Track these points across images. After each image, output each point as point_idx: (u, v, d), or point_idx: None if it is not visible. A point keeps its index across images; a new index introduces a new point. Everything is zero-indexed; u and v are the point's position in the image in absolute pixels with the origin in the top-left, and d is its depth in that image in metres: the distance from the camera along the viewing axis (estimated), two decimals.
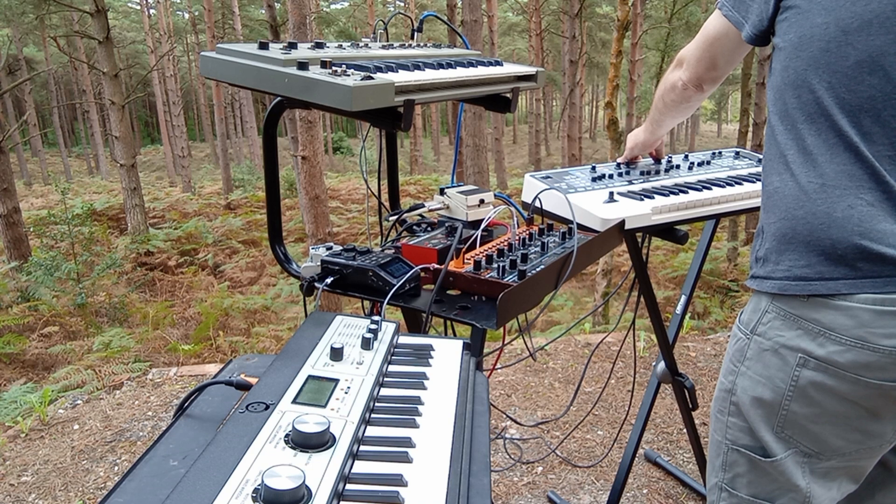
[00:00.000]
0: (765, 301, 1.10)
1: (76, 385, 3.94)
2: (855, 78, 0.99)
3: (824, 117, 1.01)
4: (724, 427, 1.18)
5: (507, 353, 3.66)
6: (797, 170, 1.04)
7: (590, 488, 2.53)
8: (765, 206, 1.13)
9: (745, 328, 1.15)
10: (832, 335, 1.01)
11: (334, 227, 9.84)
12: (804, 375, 1.04)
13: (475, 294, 1.20)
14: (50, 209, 9.91)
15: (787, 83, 1.06)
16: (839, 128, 1.00)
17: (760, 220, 1.15)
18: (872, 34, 0.97)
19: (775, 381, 1.08)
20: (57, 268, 7.48)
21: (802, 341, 1.04)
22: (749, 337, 1.13)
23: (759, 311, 1.11)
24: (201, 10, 24.19)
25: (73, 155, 35.72)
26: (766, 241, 1.11)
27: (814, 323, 1.03)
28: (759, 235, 1.16)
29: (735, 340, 1.18)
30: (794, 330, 1.05)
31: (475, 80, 1.29)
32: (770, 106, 1.13)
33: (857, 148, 0.99)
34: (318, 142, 6.08)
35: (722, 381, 1.20)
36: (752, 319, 1.13)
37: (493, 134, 18.77)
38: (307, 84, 1.02)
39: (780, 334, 1.07)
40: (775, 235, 1.08)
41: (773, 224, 1.09)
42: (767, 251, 1.10)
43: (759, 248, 1.14)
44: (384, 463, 0.68)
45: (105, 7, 9.71)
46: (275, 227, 1.38)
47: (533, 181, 1.63)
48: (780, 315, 1.07)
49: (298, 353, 0.87)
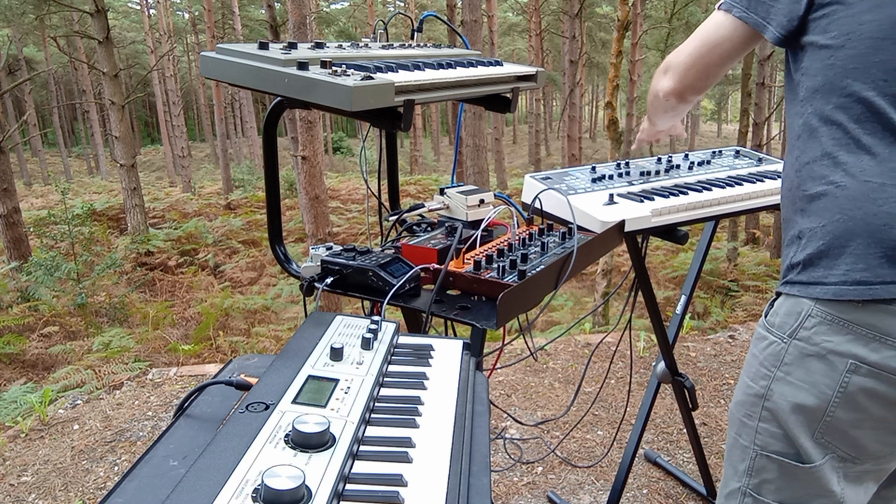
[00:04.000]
0: (807, 305, 1.06)
1: (76, 385, 3.94)
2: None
3: (878, 116, 0.99)
4: (753, 432, 1.15)
5: (507, 353, 3.66)
6: (852, 170, 1.00)
7: (590, 488, 2.53)
8: (806, 210, 1.07)
9: (779, 332, 1.10)
10: (889, 340, 0.98)
11: (334, 227, 9.85)
12: (854, 381, 1.01)
13: (475, 294, 1.20)
14: (50, 209, 9.91)
15: (832, 83, 1.02)
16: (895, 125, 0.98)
17: (795, 224, 1.11)
18: None
19: (820, 387, 1.04)
20: (57, 268, 7.48)
21: (854, 346, 1.01)
22: (786, 341, 1.09)
23: (798, 315, 1.07)
24: (201, 10, 24.18)
25: (73, 155, 35.72)
26: (811, 246, 1.06)
27: (868, 328, 0.99)
28: (794, 241, 1.11)
29: (766, 344, 1.13)
30: (844, 335, 1.01)
31: (475, 80, 1.29)
32: (805, 107, 1.08)
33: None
34: (318, 142, 6.08)
35: (749, 384, 1.16)
36: (788, 323, 1.09)
37: (493, 134, 18.77)
38: (307, 84, 1.02)
39: (828, 339, 1.03)
40: (826, 239, 1.03)
41: (822, 228, 1.04)
42: (813, 256, 1.05)
43: (797, 253, 1.09)
44: (384, 463, 0.68)
45: (105, 7, 9.72)
46: (275, 227, 1.38)
47: (533, 182, 1.63)
48: (826, 320, 1.03)
49: (298, 353, 0.87)
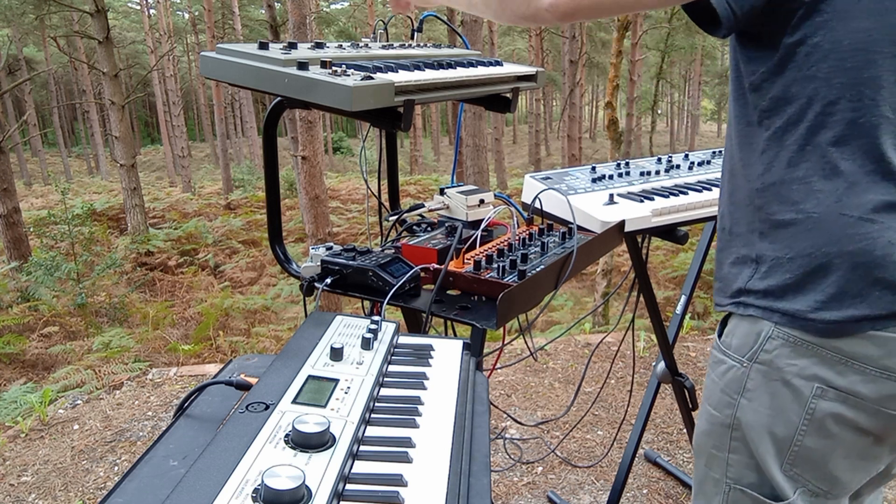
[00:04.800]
0: (767, 326, 0.98)
1: (76, 385, 3.94)
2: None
3: (861, 139, 0.88)
4: (724, 464, 1.06)
5: (507, 353, 3.66)
6: (827, 200, 0.90)
7: (590, 488, 2.53)
8: (768, 235, 0.98)
9: (738, 355, 1.02)
10: (855, 364, 0.91)
11: (334, 227, 9.85)
12: (821, 407, 0.94)
13: (475, 294, 1.20)
14: (50, 209, 9.92)
15: (813, 96, 0.90)
16: (880, 153, 0.88)
17: (750, 245, 1.01)
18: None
19: (787, 414, 0.97)
20: (57, 268, 7.48)
21: (820, 369, 0.93)
22: (746, 365, 1.01)
23: (758, 337, 0.99)
24: (201, 10, 24.18)
25: (73, 155, 35.72)
26: (774, 277, 0.97)
27: (833, 351, 0.92)
28: (748, 263, 1.01)
29: (725, 368, 1.05)
30: (809, 357, 0.94)
31: (475, 80, 1.29)
32: (772, 119, 0.96)
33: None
34: (318, 142, 6.09)
35: (713, 413, 1.07)
36: (747, 345, 1.00)
37: (493, 134, 18.77)
38: (307, 84, 1.02)
39: (792, 363, 0.95)
40: (794, 273, 0.94)
41: (789, 260, 0.95)
42: (776, 288, 0.96)
43: (754, 278, 1.00)
44: (384, 463, 0.68)
45: (105, 7, 9.72)
46: (275, 227, 1.38)
47: (533, 182, 1.63)
48: (789, 342, 0.95)
49: (298, 353, 0.87)
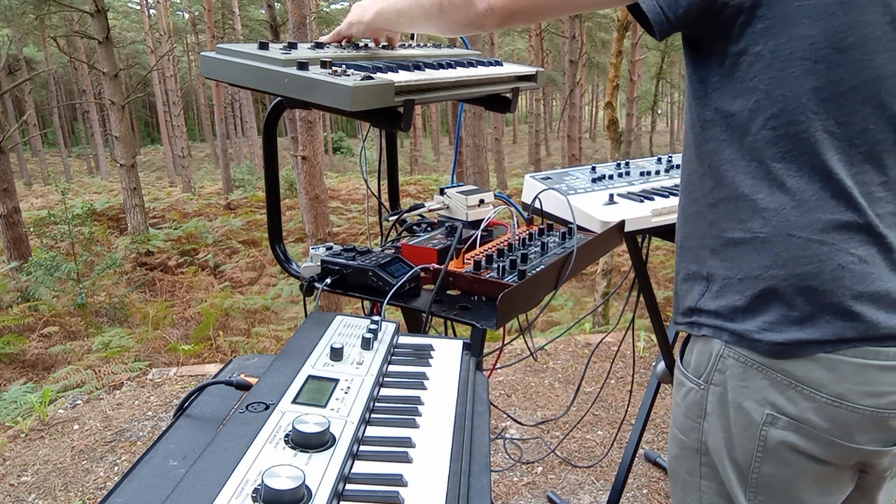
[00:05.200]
0: (718, 345, 0.92)
1: (76, 385, 3.94)
2: (847, 107, 0.81)
3: (808, 155, 0.82)
4: (698, 491, 1.00)
5: (507, 353, 3.66)
6: (773, 219, 0.85)
7: (590, 488, 2.53)
8: (719, 252, 0.92)
9: (695, 376, 0.97)
10: (805, 390, 0.85)
11: (334, 227, 9.85)
12: (773, 435, 0.88)
13: (475, 294, 1.20)
14: (50, 209, 9.92)
15: (756, 109, 0.84)
16: (827, 168, 0.82)
17: (702, 262, 0.95)
18: (868, 52, 0.79)
19: (742, 440, 0.91)
20: (57, 268, 7.48)
21: (770, 394, 0.87)
22: (703, 388, 0.95)
23: (710, 356, 0.93)
24: (201, 10, 24.18)
25: (73, 155, 35.73)
26: (725, 297, 0.91)
27: (783, 374, 0.86)
28: (699, 280, 0.95)
29: (685, 391, 0.99)
30: (760, 380, 0.88)
31: (475, 80, 1.28)
32: (715, 131, 0.89)
33: (848, 194, 0.82)
34: (318, 142, 6.09)
35: (681, 438, 1.01)
36: (702, 365, 0.95)
37: (493, 134, 18.77)
38: (307, 84, 1.02)
39: (743, 384, 0.89)
40: (744, 294, 0.89)
41: (739, 281, 0.89)
42: (726, 309, 0.90)
43: (704, 297, 0.94)
44: (384, 463, 0.68)
45: (105, 7, 9.72)
46: (275, 227, 1.38)
47: (533, 182, 1.63)
48: (740, 361, 0.89)
49: (298, 353, 0.87)
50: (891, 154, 0.83)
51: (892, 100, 0.82)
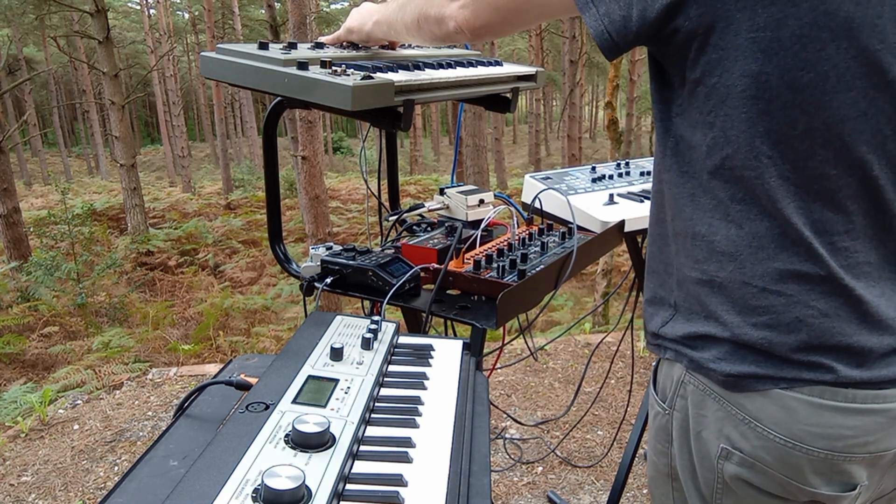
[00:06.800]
0: (679, 370, 0.88)
1: (76, 385, 3.94)
2: (803, 151, 0.74)
3: (764, 200, 0.76)
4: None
5: (507, 353, 3.66)
6: (728, 265, 0.80)
7: (590, 488, 2.53)
8: (684, 285, 0.88)
9: (661, 399, 0.94)
10: (759, 427, 0.81)
11: (334, 227, 9.85)
12: (728, 470, 0.85)
13: (475, 294, 1.20)
14: (50, 209, 9.92)
15: (712, 146, 0.78)
16: (784, 216, 0.76)
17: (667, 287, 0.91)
18: (829, 92, 0.72)
19: (703, 469, 0.88)
20: (57, 268, 7.49)
21: (725, 426, 0.84)
22: (668, 413, 0.92)
23: (674, 381, 0.90)
24: (201, 10, 24.19)
25: (73, 155, 35.73)
26: (688, 325, 0.87)
27: (738, 408, 0.82)
28: (665, 306, 0.91)
29: (654, 413, 0.96)
30: (716, 411, 0.84)
31: (475, 80, 1.29)
32: (676, 163, 0.83)
33: (808, 243, 0.76)
34: (318, 142, 6.09)
35: (654, 460, 0.98)
36: (668, 388, 0.92)
37: (493, 134, 18.77)
38: (307, 84, 1.02)
39: (702, 413, 0.86)
40: (701, 326, 0.85)
41: (699, 314, 0.86)
42: (687, 336, 0.87)
43: (668, 325, 0.90)
44: (384, 463, 0.68)
45: (105, 7, 9.73)
46: (275, 227, 1.38)
47: (533, 182, 1.63)
48: (699, 389, 0.86)
49: (298, 353, 0.87)
50: (855, 200, 0.76)
51: (856, 142, 0.74)
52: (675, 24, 0.75)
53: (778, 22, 0.71)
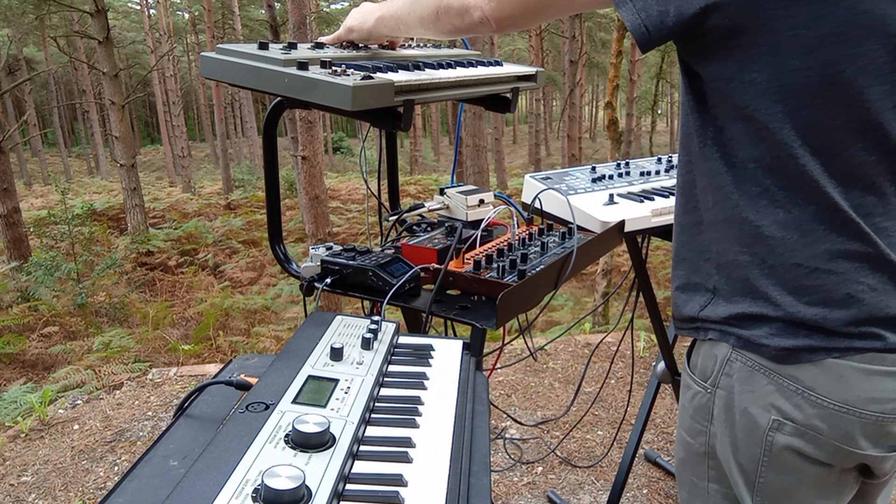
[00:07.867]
0: (725, 349, 0.91)
1: (76, 385, 3.94)
2: (843, 142, 0.79)
3: (810, 186, 0.81)
4: (706, 494, 1.00)
5: (507, 353, 3.66)
6: (779, 247, 0.84)
7: (590, 488, 2.53)
8: (726, 269, 0.91)
9: (701, 379, 0.96)
10: (812, 396, 0.85)
11: (334, 227, 9.85)
12: (778, 441, 0.88)
13: (475, 294, 1.20)
14: (50, 209, 9.91)
15: (754, 137, 0.82)
16: (831, 201, 0.80)
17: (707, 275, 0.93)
18: (867, 85, 0.76)
19: (747, 444, 0.91)
20: (57, 268, 7.48)
21: (776, 399, 0.87)
22: (710, 391, 0.95)
23: (716, 360, 0.93)
24: (201, 10, 24.18)
25: (73, 155, 35.73)
26: (731, 306, 0.90)
27: (790, 380, 0.86)
28: (702, 292, 0.94)
29: (692, 394, 0.99)
30: (766, 384, 0.87)
31: (475, 80, 1.29)
32: (716, 153, 0.86)
33: (855, 223, 0.81)
34: (318, 142, 6.09)
35: (689, 441, 1.01)
36: (709, 368, 0.95)
37: (493, 134, 18.78)
38: (307, 84, 1.02)
39: (750, 389, 0.89)
40: (750, 305, 0.88)
41: (747, 296, 0.89)
42: (733, 315, 0.90)
43: (707, 308, 0.93)
44: (384, 463, 0.68)
45: (105, 7, 9.73)
46: (275, 227, 1.38)
47: (533, 182, 1.63)
48: (747, 366, 0.89)
49: (298, 353, 0.87)
50: (892, 183, 0.82)
51: (893, 131, 0.79)
52: (712, 22, 0.77)
53: (818, 19, 0.74)
